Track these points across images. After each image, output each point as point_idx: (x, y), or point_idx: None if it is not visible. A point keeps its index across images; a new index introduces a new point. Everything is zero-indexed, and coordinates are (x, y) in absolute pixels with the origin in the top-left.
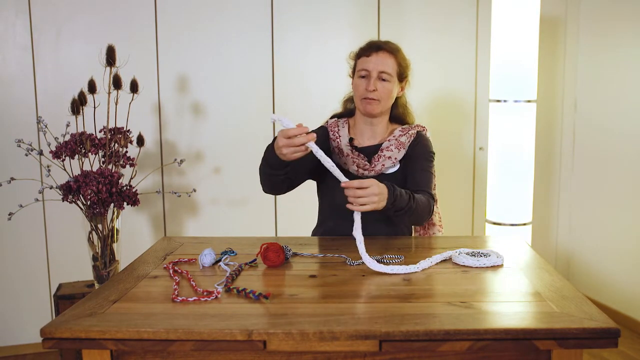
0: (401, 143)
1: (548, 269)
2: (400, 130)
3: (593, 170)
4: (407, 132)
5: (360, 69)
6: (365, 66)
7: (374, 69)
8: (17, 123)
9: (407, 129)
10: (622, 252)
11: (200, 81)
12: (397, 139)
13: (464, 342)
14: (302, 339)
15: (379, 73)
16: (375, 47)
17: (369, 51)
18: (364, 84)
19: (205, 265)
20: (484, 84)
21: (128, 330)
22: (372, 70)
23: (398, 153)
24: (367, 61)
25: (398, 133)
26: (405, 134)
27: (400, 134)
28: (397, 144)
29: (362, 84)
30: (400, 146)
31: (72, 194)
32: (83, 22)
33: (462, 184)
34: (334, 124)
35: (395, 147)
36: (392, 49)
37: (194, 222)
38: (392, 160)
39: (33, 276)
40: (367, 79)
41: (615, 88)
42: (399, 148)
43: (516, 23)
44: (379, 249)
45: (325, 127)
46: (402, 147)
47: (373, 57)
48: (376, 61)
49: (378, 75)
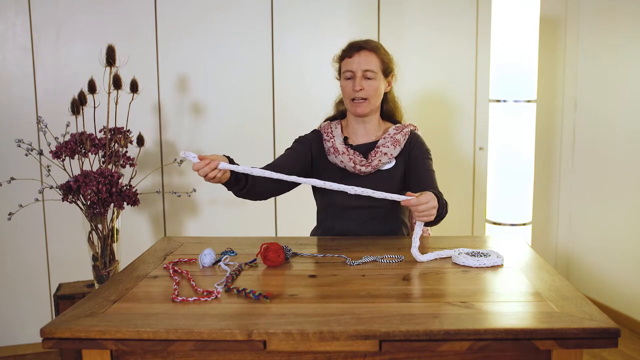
0: (397, 140)
1: (548, 269)
2: (395, 129)
3: (593, 170)
4: (402, 130)
5: (345, 70)
6: (349, 67)
7: (358, 68)
8: (17, 123)
9: (401, 128)
10: (622, 252)
11: (200, 81)
12: (393, 137)
13: (464, 342)
14: (302, 339)
15: (363, 72)
16: (356, 47)
17: (351, 52)
18: (350, 85)
19: (205, 265)
20: (484, 84)
21: (128, 330)
22: (356, 70)
23: (394, 150)
24: (350, 62)
25: (393, 131)
26: (400, 132)
27: (395, 132)
28: (393, 141)
29: (349, 85)
30: (396, 143)
31: (72, 194)
32: (83, 22)
33: (462, 184)
34: (327, 126)
35: (391, 144)
36: (373, 47)
37: (194, 222)
38: (388, 156)
39: (33, 276)
40: (353, 79)
41: (615, 88)
42: (395, 145)
43: (516, 23)
44: (379, 249)
45: (318, 130)
46: (397, 144)
47: (355, 57)
48: (359, 61)
49: (362, 74)
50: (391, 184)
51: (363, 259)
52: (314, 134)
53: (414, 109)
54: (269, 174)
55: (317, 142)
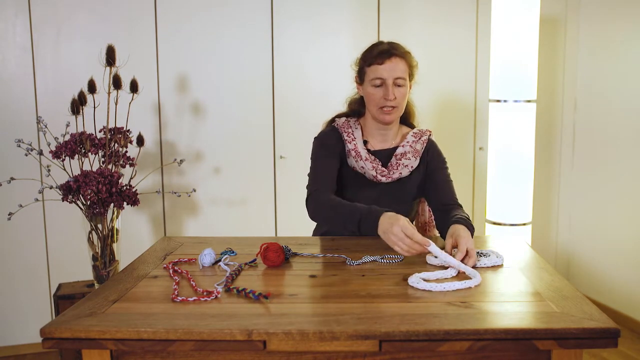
0: (417, 151)
1: (548, 269)
2: (413, 136)
3: (593, 170)
4: (420, 138)
5: (374, 77)
6: (379, 75)
7: (390, 76)
8: (17, 123)
9: (419, 135)
10: (622, 252)
11: (200, 81)
12: (412, 146)
13: (464, 342)
14: (302, 339)
15: (395, 80)
16: (387, 53)
17: (381, 58)
18: (381, 93)
19: (205, 265)
20: (484, 84)
21: (128, 330)
22: (388, 78)
23: (415, 162)
24: (380, 69)
25: (412, 139)
26: (419, 140)
27: (414, 140)
28: (413, 152)
29: (379, 92)
30: (416, 154)
31: (72, 194)
32: (83, 22)
33: (462, 184)
34: (346, 124)
35: (412, 156)
36: (402, 53)
37: (194, 222)
38: (409, 168)
39: (33, 276)
40: (384, 87)
41: (615, 88)
42: (415, 157)
43: (516, 23)
44: (379, 249)
45: (336, 127)
46: (417, 155)
47: (387, 64)
48: (391, 68)
49: (394, 81)
50: (407, 192)
51: (363, 259)
52: (333, 132)
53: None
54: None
55: (338, 142)
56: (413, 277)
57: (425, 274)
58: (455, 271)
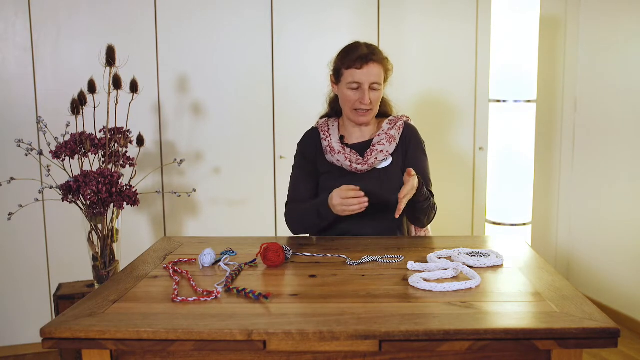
0: (391, 136)
1: (548, 269)
2: (388, 123)
3: (593, 170)
4: (395, 124)
5: (352, 81)
6: (357, 79)
7: (367, 81)
8: (17, 123)
9: (394, 121)
10: (622, 252)
11: (200, 81)
12: (387, 133)
13: (464, 342)
14: (302, 339)
15: (371, 84)
16: (364, 58)
17: (360, 63)
18: (357, 96)
19: (205, 265)
20: (484, 84)
21: (128, 330)
22: (364, 83)
23: (389, 146)
24: (358, 74)
25: (386, 126)
26: (394, 126)
27: (389, 127)
28: (388, 138)
29: (355, 96)
30: (391, 139)
31: (72, 194)
32: (83, 22)
33: (462, 184)
34: (324, 123)
35: (387, 141)
36: (380, 59)
37: (194, 222)
38: (384, 153)
39: (33, 276)
40: (360, 91)
41: (615, 88)
42: (390, 141)
43: (516, 23)
44: (379, 249)
45: (316, 127)
46: (392, 140)
47: (365, 69)
48: (368, 73)
49: (370, 86)
50: (391, 182)
51: (363, 259)
52: (312, 134)
53: (414, 109)
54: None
55: (316, 142)
56: (413, 277)
57: (425, 274)
58: (455, 271)
